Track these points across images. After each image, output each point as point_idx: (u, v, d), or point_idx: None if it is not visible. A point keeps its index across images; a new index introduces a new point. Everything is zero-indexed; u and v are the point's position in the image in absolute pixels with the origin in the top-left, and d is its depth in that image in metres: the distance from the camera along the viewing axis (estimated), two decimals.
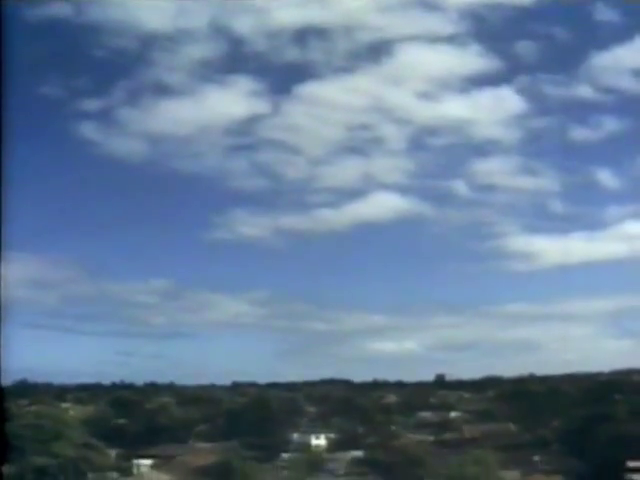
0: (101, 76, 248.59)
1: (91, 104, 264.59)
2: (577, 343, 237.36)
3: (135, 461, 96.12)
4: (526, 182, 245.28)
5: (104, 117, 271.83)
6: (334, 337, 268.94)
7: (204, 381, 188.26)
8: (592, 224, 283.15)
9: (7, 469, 49.24)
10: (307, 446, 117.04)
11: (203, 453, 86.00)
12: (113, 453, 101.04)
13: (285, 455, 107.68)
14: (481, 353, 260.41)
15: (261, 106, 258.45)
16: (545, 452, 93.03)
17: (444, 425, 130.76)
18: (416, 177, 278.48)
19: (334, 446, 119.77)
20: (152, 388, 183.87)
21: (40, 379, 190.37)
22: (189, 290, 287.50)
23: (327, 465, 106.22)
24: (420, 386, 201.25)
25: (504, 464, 73.64)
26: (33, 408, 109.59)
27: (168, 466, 78.08)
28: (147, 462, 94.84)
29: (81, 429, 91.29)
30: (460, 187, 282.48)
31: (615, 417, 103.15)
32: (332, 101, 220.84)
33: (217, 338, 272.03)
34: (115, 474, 68.79)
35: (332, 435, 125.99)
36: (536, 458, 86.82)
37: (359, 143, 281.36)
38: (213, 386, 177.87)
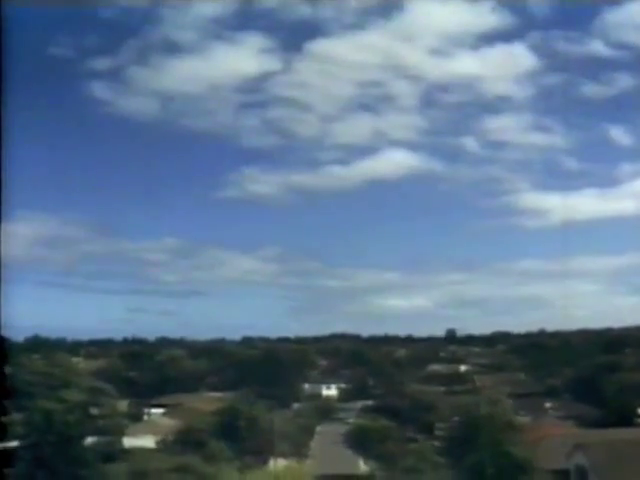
0: (110, 35, 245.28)
1: (101, 63, 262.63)
2: (587, 300, 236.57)
3: (146, 410, 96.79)
4: (537, 139, 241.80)
5: (114, 76, 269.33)
6: (345, 294, 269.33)
7: (215, 337, 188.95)
8: (603, 181, 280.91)
9: (15, 415, 49.09)
10: (318, 396, 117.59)
11: (213, 401, 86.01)
12: (124, 403, 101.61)
13: (296, 405, 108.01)
14: (491, 310, 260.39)
15: (272, 63, 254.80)
16: (556, 400, 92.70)
17: (454, 378, 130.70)
18: (427, 134, 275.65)
19: (345, 396, 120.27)
20: (163, 343, 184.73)
21: (52, 336, 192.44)
22: (200, 248, 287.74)
23: (338, 414, 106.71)
24: (430, 341, 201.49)
25: (515, 411, 73.11)
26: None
27: (177, 413, 78.18)
28: (158, 411, 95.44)
29: (92, 378, 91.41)
30: (471, 144, 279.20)
31: (625, 366, 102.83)
32: (343, 58, 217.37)
33: (228, 295, 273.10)
34: (126, 421, 68.80)
35: (343, 386, 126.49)
36: (547, 405, 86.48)
37: (370, 100, 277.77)
38: (224, 340, 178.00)
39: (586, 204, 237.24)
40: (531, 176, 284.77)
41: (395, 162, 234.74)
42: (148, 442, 58.85)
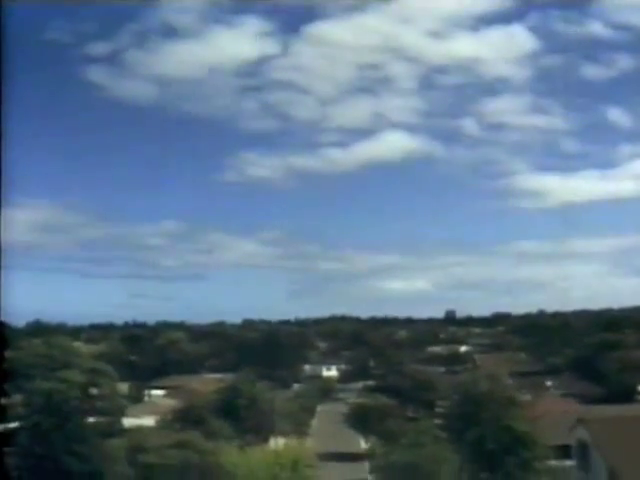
0: (108, 19, 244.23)
1: (98, 48, 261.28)
2: (586, 281, 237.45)
3: (146, 392, 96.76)
4: (536, 121, 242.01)
5: (112, 61, 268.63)
6: (344, 277, 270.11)
7: (216, 320, 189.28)
8: (602, 163, 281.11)
9: (15, 397, 48.86)
10: (318, 377, 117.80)
11: (213, 383, 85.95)
12: (125, 386, 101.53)
13: (296, 386, 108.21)
14: (491, 291, 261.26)
15: (270, 47, 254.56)
16: (557, 378, 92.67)
17: (454, 358, 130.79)
18: (426, 116, 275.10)
19: (345, 377, 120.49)
20: (164, 327, 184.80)
21: (53, 321, 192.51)
22: (200, 232, 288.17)
23: (338, 394, 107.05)
24: (430, 322, 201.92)
25: (516, 389, 72.97)
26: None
27: (177, 394, 78.11)
28: (158, 392, 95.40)
29: (92, 360, 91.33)
30: (470, 126, 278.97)
31: (625, 345, 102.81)
32: (341, 41, 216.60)
33: (228, 279, 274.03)
34: (126, 401, 68.67)
35: (343, 367, 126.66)
36: (548, 383, 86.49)
37: (369, 83, 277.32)
38: (224, 323, 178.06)
39: (585, 186, 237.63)
40: (530, 158, 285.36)
41: (394, 144, 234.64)
42: (148, 421, 58.79)
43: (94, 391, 62.90)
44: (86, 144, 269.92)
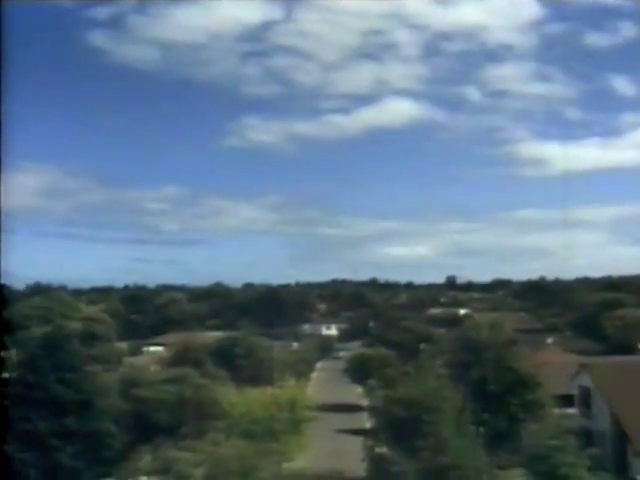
0: None
1: (100, 12, 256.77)
2: (588, 249, 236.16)
3: (145, 348, 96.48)
4: (540, 88, 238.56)
5: (113, 25, 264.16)
6: (346, 242, 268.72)
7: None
8: (606, 131, 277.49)
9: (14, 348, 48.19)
10: (318, 335, 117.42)
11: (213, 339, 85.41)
12: (124, 344, 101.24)
13: (296, 344, 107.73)
14: (492, 258, 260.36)
15: (274, 12, 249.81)
16: (558, 337, 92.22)
17: (454, 320, 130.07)
18: (429, 83, 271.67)
19: (345, 336, 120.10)
20: (164, 289, 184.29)
21: (54, 283, 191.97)
22: (202, 197, 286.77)
23: (338, 352, 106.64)
24: (431, 287, 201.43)
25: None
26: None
27: (176, 347, 77.55)
28: (157, 348, 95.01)
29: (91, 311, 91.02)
30: (473, 93, 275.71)
31: (626, 304, 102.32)
32: (345, 6, 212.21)
33: (230, 244, 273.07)
34: (125, 348, 68.48)
35: (343, 326, 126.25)
36: (549, 341, 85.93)
37: (372, 49, 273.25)
38: (224, 285, 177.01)
39: (587, 154, 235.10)
40: (532, 126, 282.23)
41: (397, 111, 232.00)
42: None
43: (91, 339, 62.68)
44: (87, 109, 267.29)
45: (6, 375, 38.75)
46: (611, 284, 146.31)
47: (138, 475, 27.28)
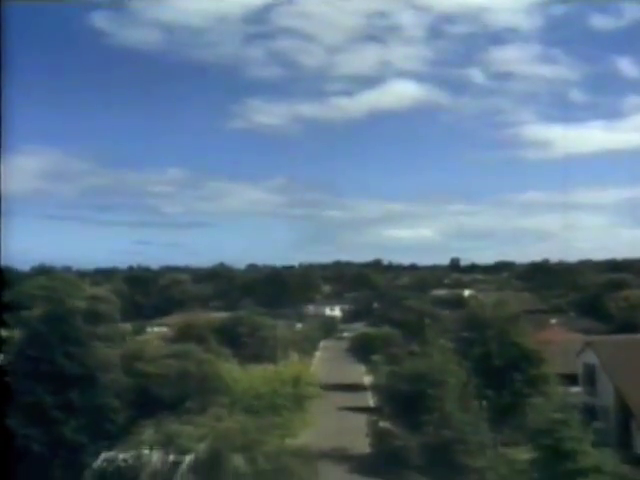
0: None
1: None
2: (592, 232, 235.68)
3: (149, 328, 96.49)
4: (544, 70, 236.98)
5: (115, 7, 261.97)
6: (350, 224, 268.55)
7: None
8: (610, 113, 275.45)
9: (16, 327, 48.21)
10: (322, 316, 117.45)
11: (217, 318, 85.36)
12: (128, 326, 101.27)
13: (299, 325, 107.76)
14: (495, 241, 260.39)
15: None
16: (562, 317, 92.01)
17: (458, 302, 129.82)
18: (433, 65, 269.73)
19: (348, 317, 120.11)
20: (168, 271, 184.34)
21: (58, 265, 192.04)
22: (206, 179, 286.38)
23: (342, 333, 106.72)
24: (434, 269, 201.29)
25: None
26: None
27: (179, 325, 77.57)
28: (161, 329, 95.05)
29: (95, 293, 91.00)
30: (477, 75, 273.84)
31: (630, 285, 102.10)
32: None
33: (233, 226, 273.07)
34: (128, 328, 68.40)
35: (347, 307, 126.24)
36: (553, 321, 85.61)
37: (377, 31, 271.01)
38: (228, 266, 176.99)
39: (591, 136, 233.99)
40: (537, 107, 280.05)
41: (400, 93, 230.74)
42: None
43: (94, 317, 62.57)
44: (90, 91, 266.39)
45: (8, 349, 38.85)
46: (615, 266, 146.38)
47: (140, 447, 27.32)
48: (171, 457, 26.40)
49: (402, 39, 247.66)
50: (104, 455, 27.29)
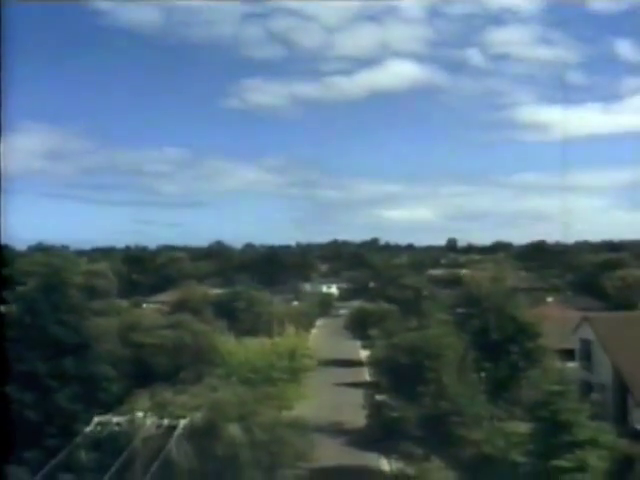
0: None
1: None
2: (588, 214, 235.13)
3: (145, 305, 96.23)
4: (543, 52, 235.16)
5: None
6: (347, 205, 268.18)
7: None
8: (608, 96, 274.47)
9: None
10: (319, 294, 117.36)
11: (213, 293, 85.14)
12: (124, 302, 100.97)
13: (296, 302, 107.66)
14: (492, 222, 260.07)
15: None
16: (559, 295, 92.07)
17: (455, 280, 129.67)
18: (432, 46, 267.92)
19: (345, 295, 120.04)
20: (165, 249, 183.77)
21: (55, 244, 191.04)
22: (204, 158, 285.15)
23: (338, 311, 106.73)
24: (431, 249, 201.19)
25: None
26: None
27: (176, 297, 77.26)
28: (156, 306, 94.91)
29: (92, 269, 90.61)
30: (475, 56, 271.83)
31: (626, 265, 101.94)
32: None
33: (231, 206, 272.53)
34: (125, 304, 68.10)
35: (344, 286, 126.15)
36: (549, 299, 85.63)
37: (375, 11, 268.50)
38: (225, 244, 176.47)
39: (588, 118, 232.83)
40: (535, 89, 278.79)
41: (399, 74, 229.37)
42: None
43: (89, 294, 62.23)
44: (88, 71, 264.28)
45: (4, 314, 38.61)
46: (612, 247, 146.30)
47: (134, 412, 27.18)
48: (165, 421, 26.18)
49: (401, 19, 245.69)
50: (97, 419, 26.99)
